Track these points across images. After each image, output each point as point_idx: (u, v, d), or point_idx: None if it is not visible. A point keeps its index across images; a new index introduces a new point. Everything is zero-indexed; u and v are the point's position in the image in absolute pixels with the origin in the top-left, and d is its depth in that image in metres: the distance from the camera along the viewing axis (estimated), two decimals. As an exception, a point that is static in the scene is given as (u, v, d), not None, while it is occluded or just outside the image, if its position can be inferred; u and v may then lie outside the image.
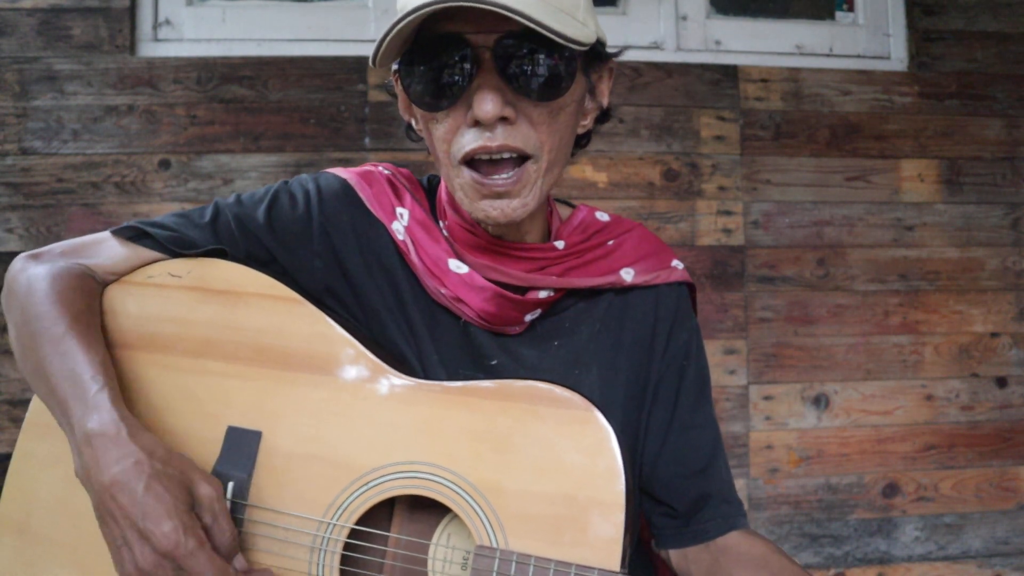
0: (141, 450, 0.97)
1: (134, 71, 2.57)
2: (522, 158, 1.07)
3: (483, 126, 1.04)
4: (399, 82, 1.15)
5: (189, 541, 0.93)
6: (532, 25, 0.96)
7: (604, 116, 1.24)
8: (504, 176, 1.07)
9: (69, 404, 1.03)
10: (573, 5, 1.05)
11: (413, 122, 1.20)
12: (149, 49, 2.63)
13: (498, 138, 1.04)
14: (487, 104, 1.02)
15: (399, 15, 0.99)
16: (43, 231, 2.49)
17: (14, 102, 2.52)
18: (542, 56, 1.03)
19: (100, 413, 1.00)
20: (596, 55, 1.14)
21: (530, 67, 1.03)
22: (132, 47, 2.60)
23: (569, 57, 1.05)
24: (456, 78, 1.03)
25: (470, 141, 1.05)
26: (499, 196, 1.08)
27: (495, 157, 1.06)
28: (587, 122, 1.21)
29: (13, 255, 2.39)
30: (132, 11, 2.60)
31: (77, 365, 1.05)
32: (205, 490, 0.99)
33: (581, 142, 1.24)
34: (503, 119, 1.04)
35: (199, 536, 0.95)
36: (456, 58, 1.03)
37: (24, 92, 2.52)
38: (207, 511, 0.98)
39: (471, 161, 1.07)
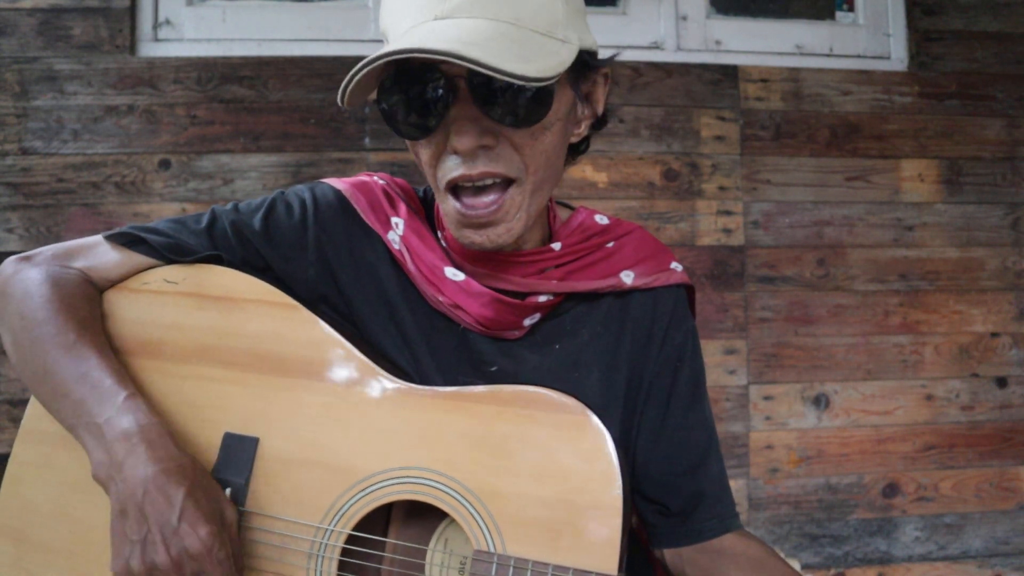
0: (185, 457, 1.01)
1: (134, 71, 2.57)
2: (506, 182, 1.06)
3: (462, 155, 1.03)
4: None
5: (221, 551, 0.97)
6: (492, 74, 0.92)
7: (601, 121, 1.22)
8: (485, 202, 1.06)
9: (90, 406, 1.03)
10: (550, 23, 1.02)
11: None
12: (149, 49, 2.63)
13: (479, 166, 1.04)
14: (464, 137, 1.01)
15: (368, 58, 0.97)
16: (43, 231, 2.49)
17: (14, 102, 2.52)
18: (517, 83, 0.98)
19: (138, 416, 1.02)
20: (584, 65, 1.10)
21: (506, 95, 1.00)
22: (132, 47, 2.60)
23: (548, 84, 1.00)
24: (432, 109, 1.02)
25: (452, 168, 1.05)
26: (482, 226, 1.07)
27: (478, 184, 1.05)
28: (581, 130, 1.19)
29: (13, 255, 2.41)
30: (132, 11, 2.59)
31: (94, 370, 1.06)
32: (230, 513, 1.03)
33: (580, 148, 1.23)
34: (483, 147, 1.03)
35: (228, 548, 0.98)
36: (431, 89, 1.01)
37: (24, 92, 2.52)
38: (227, 532, 1.02)
39: (456, 188, 1.07)
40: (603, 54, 1.17)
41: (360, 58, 0.91)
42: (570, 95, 1.11)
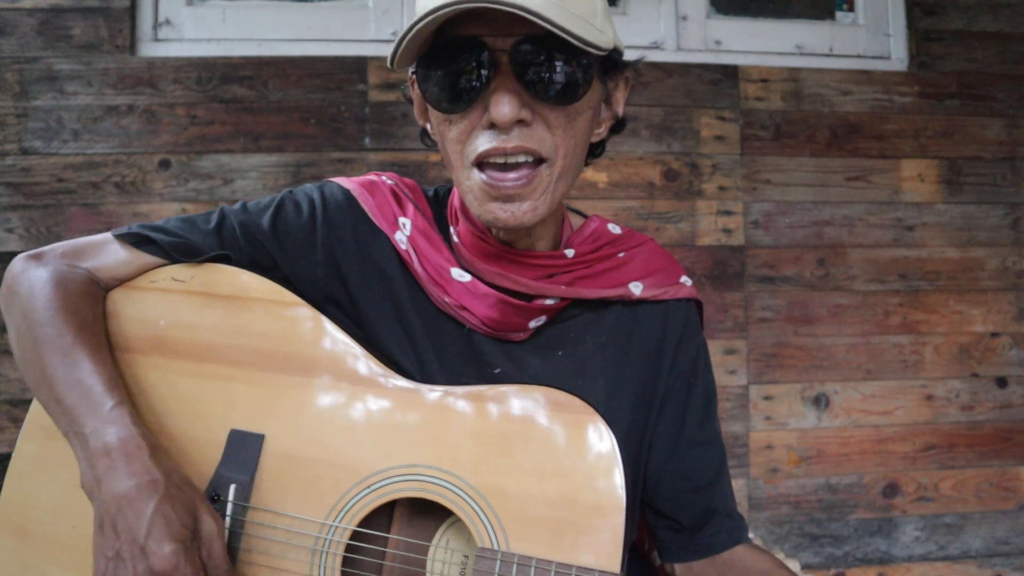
0: (159, 470, 0.99)
1: (134, 71, 2.57)
2: (537, 161, 1.07)
3: (499, 128, 1.04)
4: (415, 85, 1.15)
5: (187, 567, 0.94)
6: (551, 28, 0.95)
7: (619, 125, 1.24)
8: (514, 176, 1.06)
9: (79, 414, 1.03)
10: (590, 11, 1.04)
11: (428, 127, 1.19)
12: (149, 49, 2.63)
13: (513, 140, 1.04)
14: (504, 107, 1.01)
15: (418, 15, 0.99)
16: (43, 231, 2.49)
17: (14, 102, 2.52)
18: (559, 61, 1.02)
19: (119, 428, 1.01)
20: (613, 63, 1.13)
21: (547, 71, 1.02)
22: (132, 47, 2.60)
23: (586, 64, 1.04)
24: (473, 81, 1.03)
25: (485, 142, 1.05)
26: (509, 199, 1.07)
27: (509, 160, 1.05)
28: (602, 131, 1.21)
29: (13, 255, 2.40)
30: (132, 11, 2.60)
31: (87, 377, 1.06)
32: (208, 525, 1.00)
33: (595, 151, 1.24)
34: (519, 121, 1.04)
35: (196, 565, 0.96)
36: (473, 61, 1.02)
37: (24, 92, 2.52)
38: (205, 546, 0.99)
39: (483, 164, 1.07)
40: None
41: (360, 58, 0.91)
42: (600, 89, 1.13)
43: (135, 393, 1.15)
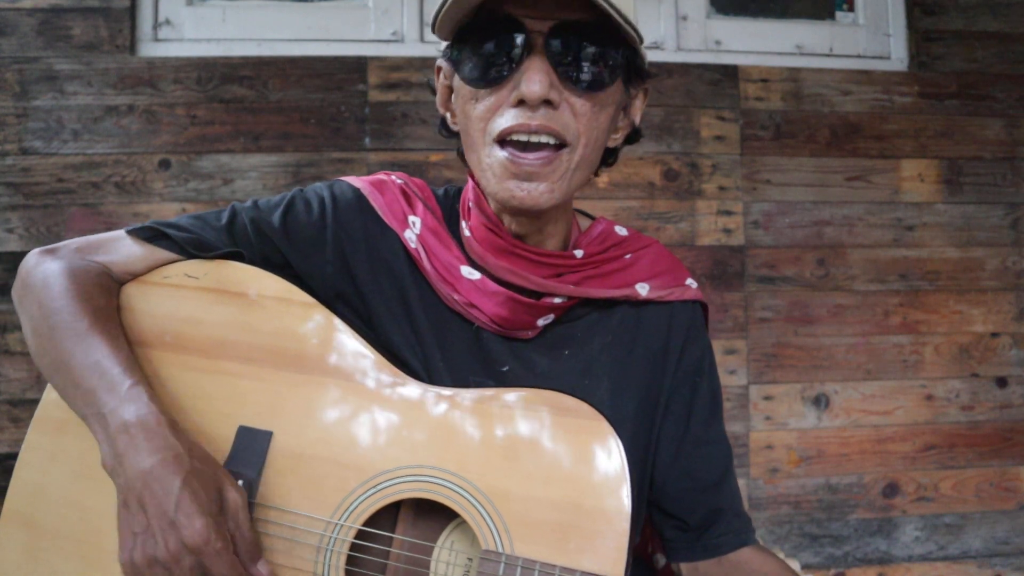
0: (181, 445, 1.00)
1: (134, 71, 2.56)
2: (558, 146, 1.09)
3: (525, 106, 1.06)
4: (440, 74, 1.19)
5: (218, 541, 0.96)
6: (603, 3, 0.99)
7: (633, 136, 1.26)
8: (534, 156, 1.08)
9: (98, 395, 1.04)
10: (626, 8, 1.07)
11: (448, 116, 1.22)
12: (149, 49, 2.63)
13: (538, 118, 1.06)
14: (535, 84, 1.04)
15: None
16: (43, 231, 2.49)
17: (14, 102, 2.51)
18: (592, 49, 1.06)
19: (138, 405, 1.02)
20: (637, 70, 1.16)
21: (579, 57, 1.06)
22: (132, 47, 2.60)
23: (615, 58, 1.08)
24: (506, 59, 1.06)
25: (510, 119, 1.07)
26: (528, 177, 1.09)
27: (532, 140, 1.08)
28: (618, 136, 1.23)
29: (13, 255, 2.42)
30: (132, 11, 2.59)
31: (104, 359, 1.07)
32: (233, 497, 1.02)
33: (607, 160, 1.25)
34: (547, 102, 1.06)
35: (226, 538, 0.98)
36: (510, 39, 1.05)
37: (24, 92, 2.52)
38: (231, 518, 1.01)
39: (505, 141, 1.09)
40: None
41: (360, 58, 0.92)
42: (623, 91, 1.15)
43: None
